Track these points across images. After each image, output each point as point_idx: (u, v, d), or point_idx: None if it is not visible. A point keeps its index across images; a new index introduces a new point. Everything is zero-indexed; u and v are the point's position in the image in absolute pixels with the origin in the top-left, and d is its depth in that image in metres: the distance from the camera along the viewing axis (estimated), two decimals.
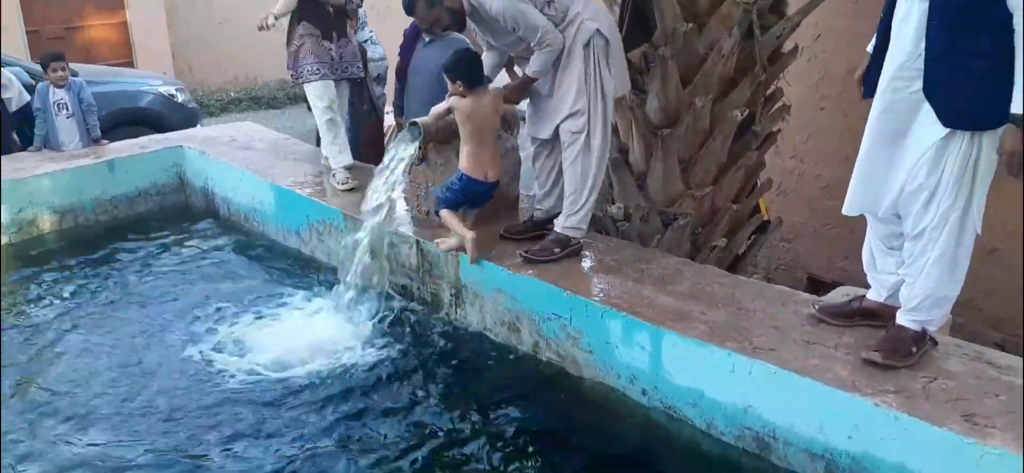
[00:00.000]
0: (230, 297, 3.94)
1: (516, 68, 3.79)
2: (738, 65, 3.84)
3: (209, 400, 3.08)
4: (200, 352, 3.43)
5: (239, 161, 5.02)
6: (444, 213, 3.52)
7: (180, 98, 7.01)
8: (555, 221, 3.55)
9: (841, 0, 4.41)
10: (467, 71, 3.40)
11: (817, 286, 4.46)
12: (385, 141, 5.43)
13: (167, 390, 3.16)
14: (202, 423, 2.94)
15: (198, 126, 6.66)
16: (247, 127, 6.07)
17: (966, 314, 3.79)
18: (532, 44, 3.32)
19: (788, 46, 4.01)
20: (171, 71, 10.33)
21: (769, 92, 4.01)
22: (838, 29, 4.56)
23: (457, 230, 3.49)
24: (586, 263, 3.48)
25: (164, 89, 6.98)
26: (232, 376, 3.23)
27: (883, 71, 2.51)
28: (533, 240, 3.58)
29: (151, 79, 7.28)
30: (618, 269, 3.38)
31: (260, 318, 3.73)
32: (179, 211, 5.27)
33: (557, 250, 3.46)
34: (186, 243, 4.70)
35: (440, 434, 2.89)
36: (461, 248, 3.52)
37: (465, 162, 3.49)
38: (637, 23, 3.89)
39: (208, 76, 11.13)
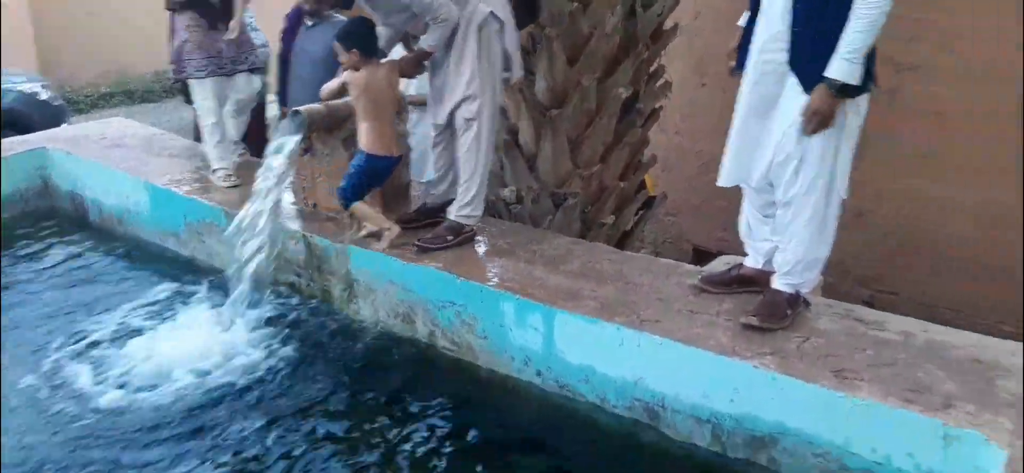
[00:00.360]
0: (102, 309, 3.66)
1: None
2: (621, 44, 3.91)
3: (76, 430, 2.80)
4: (67, 374, 3.13)
5: (110, 160, 4.70)
6: (357, 207, 3.41)
7: (44, 95, 6.52)
8: (448, 209, 3.52)
9: None
10: (363, 40, 3.28)
11: (702, 257, 4.61)
12: (269, 132, 5.22)
13: (24, 423, 2.84)
14: (66, 459, 2.66)
15: (65, 124, 6.21)
16: (118, 123, 5.70)
17: (836, 274, 4.02)
18: (426, 19, 3.26)
19: (669, 24, 4.12)
20: (34, 66, 9.57)
21: (652, 70, 4.11)
22: (716, 8, 4.70)
23: (377, 222, 3.41)
24: (479, 248, 3.46)
25: (26, 86, 6.48)
26: (103, 401, 2.95)
27: (753, 44, 2.60)
28: (426, 228, 3.53)
29: (12, 76, 6.73)
30: (511, 252, 3.39)
31: (137, 331, 3.46)
32: (44, 217, 4.89)
33: (451, 237, 3.42)
34: (52, 252, 4.36)
35: (334, 436, 2.80)
36: (376, 233, 3.45)
37: (365, 139, 3.38)
38: (523, 3, 3.89)
39: (76, 71, 10.38)
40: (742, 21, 2.72)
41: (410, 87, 4.22)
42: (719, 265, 3.16)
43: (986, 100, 3.84)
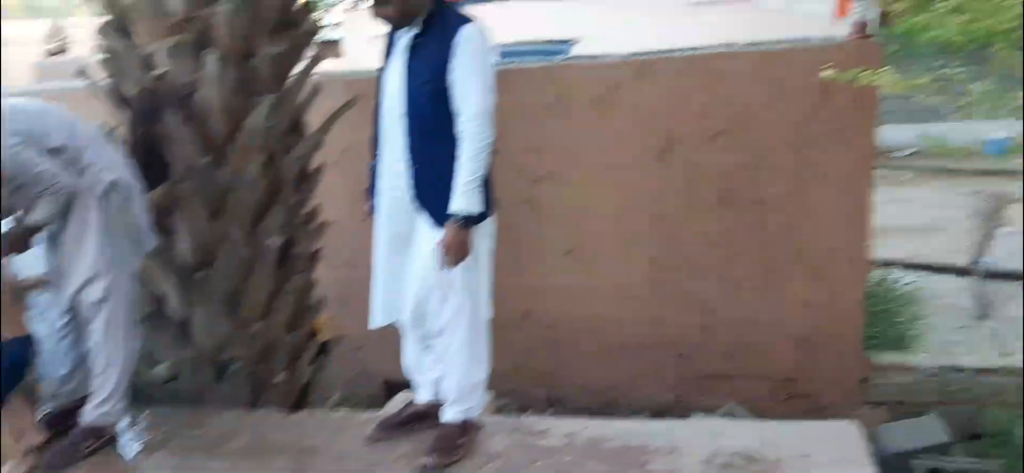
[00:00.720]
0: None
1: None
2: (268, 191, 3.76)
3: None
4: None
5: None
6: None
7: None
8: (83, 409, 3.00)
9: (358, 114, 4.65)
10: None
11: (393, 388, 4.53)
12: None
13: None
14: None
15: None
16: None
17: (515, 379, 4.18)
18: (36, 191, 2.80)
19: (316, 164, 4.06)
20: None
21: (305, 212, 4.00)
22: (363, 141, 4.78)
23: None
24: (126, 448, 2.99)
25: None
26: None
27: (380, 184, 2.65)
28: (59, 437, 2.98)
29: None
30: (166, 443, 3.00)
31: None
32: None
33: (87, 445, 2.93)
34: None
35: None
36: None
37: None
38: (152, 163, 3.58)
39: None
40: (370, 163, 2.76)
41: (38, 266, 3.63)
42: (393, 406, 3.11)
43: (608, 197, 4.36)
